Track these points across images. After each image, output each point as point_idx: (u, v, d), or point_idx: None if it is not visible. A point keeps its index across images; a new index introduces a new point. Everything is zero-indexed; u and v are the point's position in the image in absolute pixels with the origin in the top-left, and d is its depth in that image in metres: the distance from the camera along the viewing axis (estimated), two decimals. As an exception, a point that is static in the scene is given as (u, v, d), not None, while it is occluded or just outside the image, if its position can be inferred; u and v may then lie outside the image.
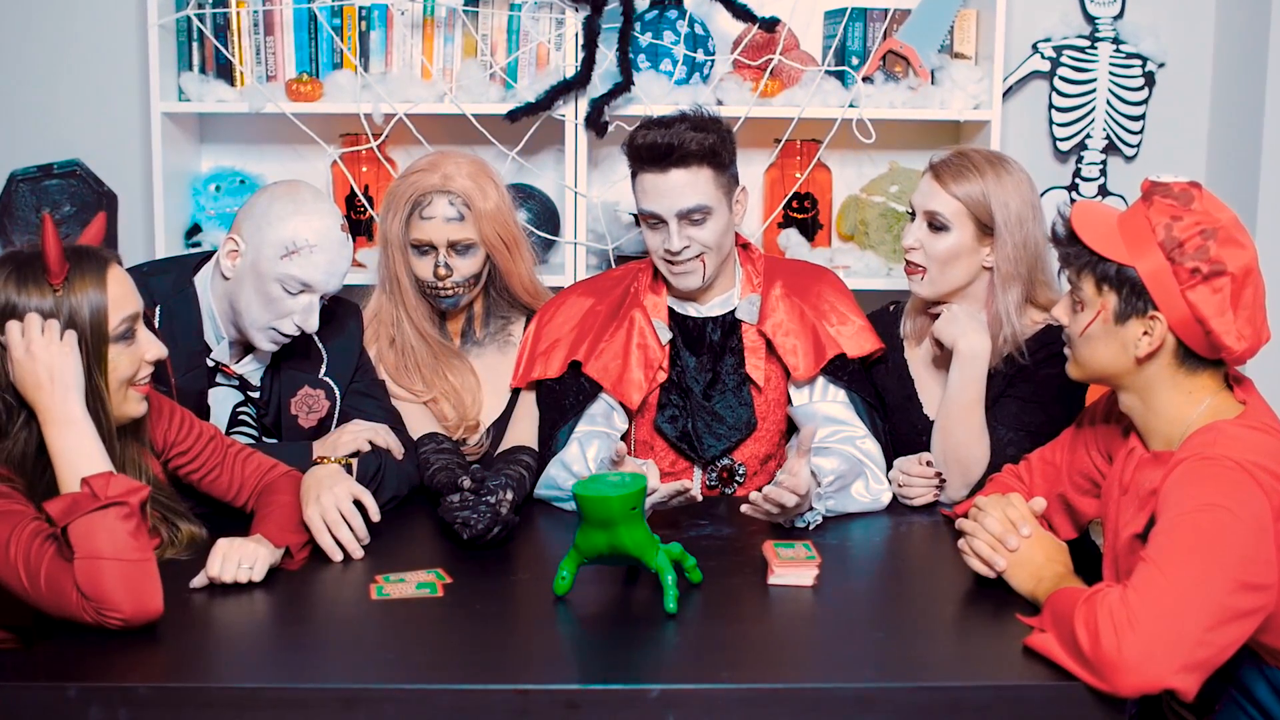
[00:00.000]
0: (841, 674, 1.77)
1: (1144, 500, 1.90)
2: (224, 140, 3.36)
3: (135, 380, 2.00)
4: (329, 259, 2.36)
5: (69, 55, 3.33)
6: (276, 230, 2.34)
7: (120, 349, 1.95)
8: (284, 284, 2.34)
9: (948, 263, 2.45)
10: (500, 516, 2.19)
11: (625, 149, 2.46)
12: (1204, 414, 1.89)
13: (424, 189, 2.54)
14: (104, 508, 1.78)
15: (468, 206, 2.54)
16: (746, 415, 2.54)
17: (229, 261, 2.38)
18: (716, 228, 2.44)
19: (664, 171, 2.40)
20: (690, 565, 2.03)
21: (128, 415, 2.00)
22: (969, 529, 2.03)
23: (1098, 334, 1.93)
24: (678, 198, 2.40)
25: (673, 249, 2.43)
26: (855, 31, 3.17)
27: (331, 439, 2.43)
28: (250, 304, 2.36)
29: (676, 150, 2.37)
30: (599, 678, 1.74)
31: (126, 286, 1.98)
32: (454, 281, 2.57)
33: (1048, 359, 2.41)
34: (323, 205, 2.39)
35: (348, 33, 3.17)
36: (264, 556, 2.02)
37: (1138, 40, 3.31)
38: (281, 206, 2.36)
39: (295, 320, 2.36)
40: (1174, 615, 1.67)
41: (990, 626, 1.92)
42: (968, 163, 2.45)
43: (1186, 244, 1.83)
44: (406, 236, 2.56)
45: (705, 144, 2.38)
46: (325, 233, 2.36)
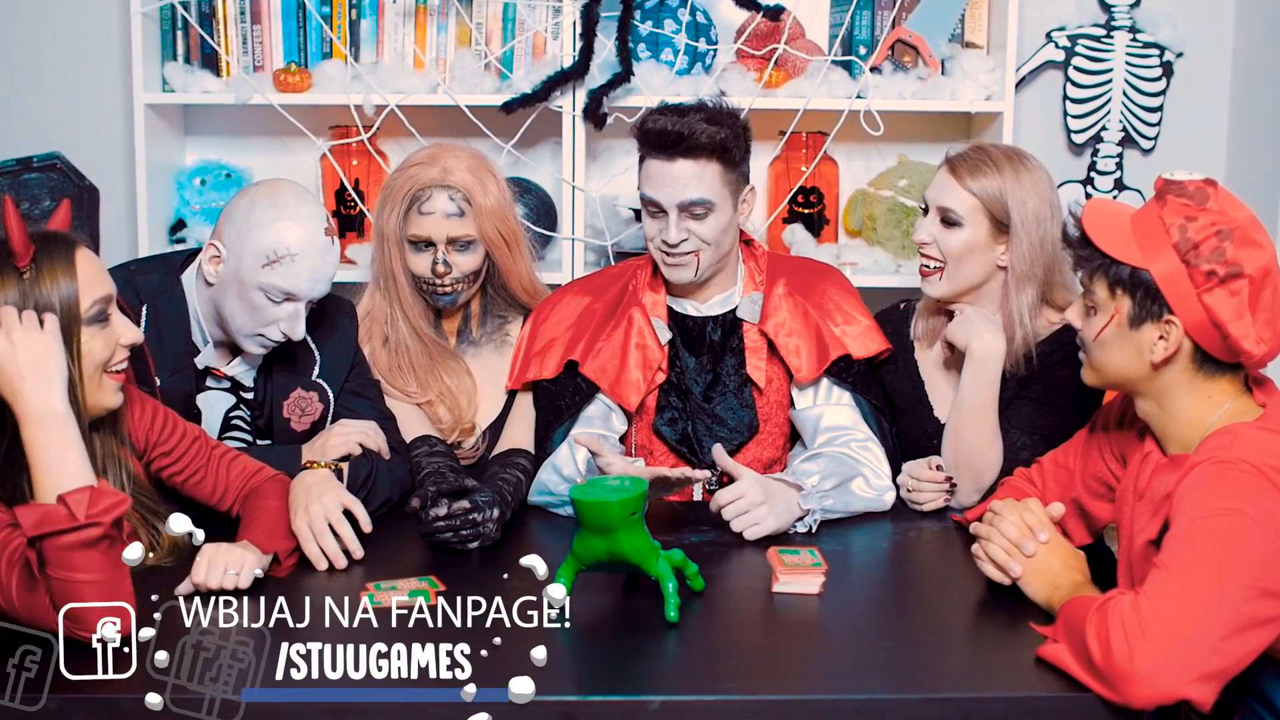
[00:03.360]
0: (849, 685, 1.77)
1: (1159, 505, 1.91)
2: (209, 133, 3.36)
3: (110, 367, 1.99)
4: (312, 267, 2.33)
5: (48, 44, 3.33)
6: (257, 238, 2.31)
7: (94, 332, 1.95)
8: (267, 293, 2.32)
9: (962, 258, 2.45)
10: (482, 535, 2.21)
11: (635, 131, 2.47)
12: (1223, 418, 1.89)
13: (423, 183, 2.54)
14: (80, 528, 1.75)
15: (468, 202, 2.55)
16: (748, 418, 2.54)
17: (211, 267, 2.36)
18: (717, 224, 2.44)
19: (671, 160, 2.41)
20: (692, 572, 2.03)
21: (103, 405, 2.00)
22: (984, 533, 2.04)
23: (1112, 339, 1.93)
24: (681, 189, 2.41)
25: (669, 240, 2.44)
26: (863, 20, 3.18)
27: (319, 442, 2.42)
28: (235, 311, 2.35)
29: (686, 140, 2.38)
30: (597, 689, 1.74)
31: (96, 268, 1.97)
32: (453, 279, 2.58)
33: (1062, 360, 2.42)
34: (304, 209, 2.35)
35: (337, 21, 3.17)
36: (251, 563, 2.02)
37: (1155, 29, 3.31)
38: (262, 212, 2.33)
39: (281, 328, 2.35)
40: (1188, 623, 1.67)
41: (1003, 636, 1.93)
42: (985, 158, 2.45)
43: (1202, 245, 1.83)
44: (404, 232, 2.56)
45: (716, 138, 2.39)
46: (308, 240, 2.32)
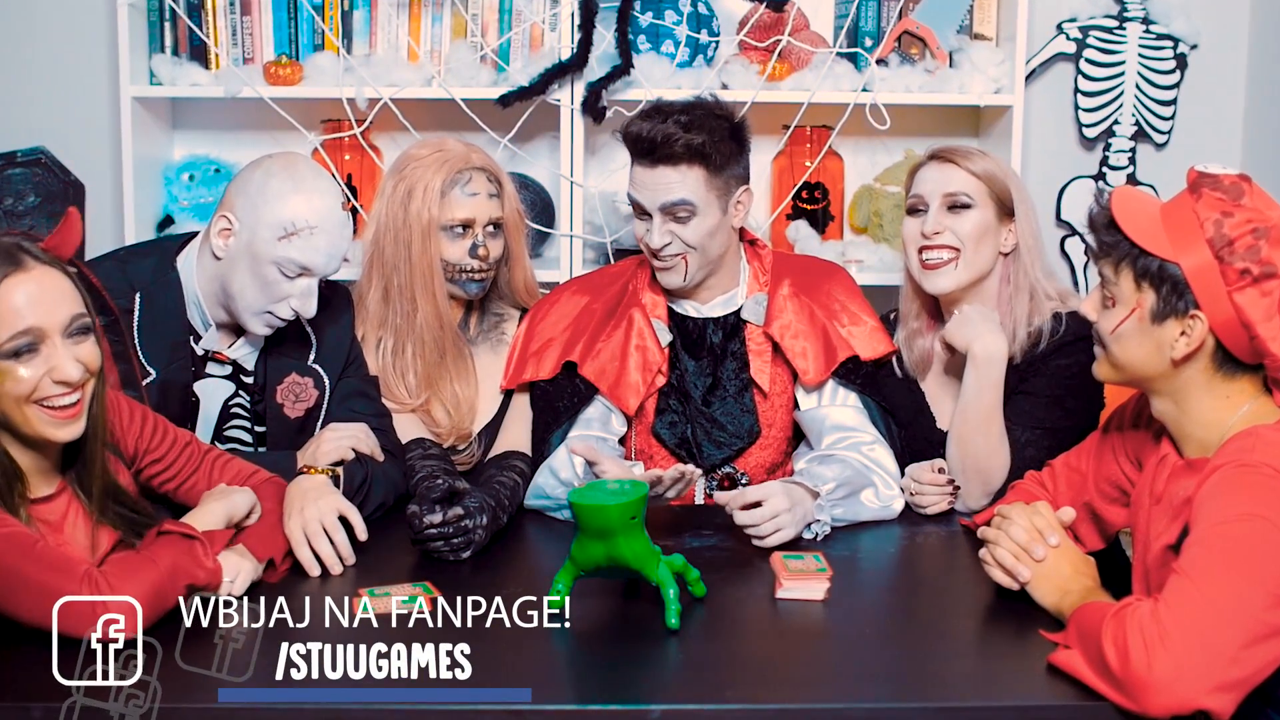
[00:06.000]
0: (854, 693, 1.77)
1: (1178, 510, 1.90)
2: (198, 126, 3.36)
3: (42, 400, 1.89)
4: (330, 241, 2.33)
5: (33, 35, 3.33)
6: (274, 209, 2.31)
7: (8, 366, 1.86)
8: (281, 267, 2.31)
9: (979, 240, 2.48)
10: (474, 542, 2.21)
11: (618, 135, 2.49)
12: (1243, 419, 1.88)
13: (460, 165, 2.54)
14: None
15: (499, 184, 2.58)
16: (749, 423, 2.54)
17: (221, 240, 2.34)
18: (701, 228, 2.44)
19: (652, 166, 2.43)
20: (693, 578, 2.03)
21: (41, 436, 1.92)
22: (992, 538, 2.04)
23: (1131, 333, 1.92)
24: (662, 192, 2.42)
25: (653, 244, 2.45)
26: (869, 11, 3.18)
27: (311, 449, 2.41)
28: (245, 287, 2.34)
29: (659, 148, 2.40)
30: (597, 697, 1.74)
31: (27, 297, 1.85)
32: (490, 262, 2.58)
33: (1058, 349, 2.43)
34: (323, 183, 2.37)
35: (329, 12, 3.17)
36: (246, 570, 2.03)
37: (1169, 20, 3.31)
38: (279, 183, 2.32)
39: (292, 304, 2.34)
40: (1208, 631, 1.67)
41: (1012, 643, 1.92)
42: (966, 148, 2.57)
43: (1237, 243, 1.82)
44: (441, 217, 2.54)
45: (693, 144, 2.39)
46: (326, 213, 2.33)
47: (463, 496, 2.24)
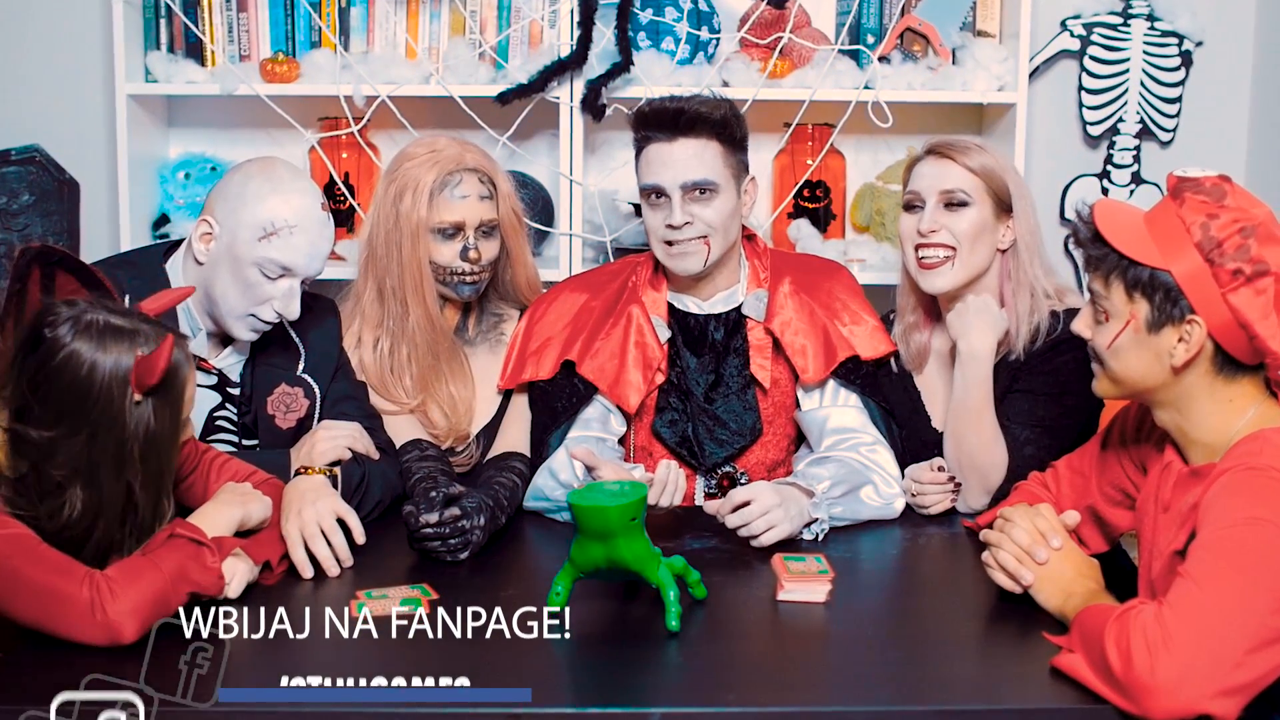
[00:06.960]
0: (856, 696, 1.77)
1: (1185, 516, 1.89)
2: (194, 124, 3.36)
3: None
4: (310, 240, 2.35)
5: (27, 32, 3.33)
6: (253, 211, 2.33)
7: None
8: (262, 268, 2.33)
9: (976, 239, 2.48)
10: (471, 543, 2.21)
11: (632, 121, 2.49)
12: (1249, 424, 1.88)
13: (451, 167, 2.54)
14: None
15: (493, 185, 2.57)
16: (751, 420, 2.54)
17: (202, 245, 2.37)
18: (723, 209, 2.45)
19: (671, 140, 2.43)
20: (694, 580, 2.03)
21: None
22: (994, 540, 2.04)
23: (1128, 345, 1.92)
24: (683, 169, 2.42)
25: (674, 223, 2.44)
26: (871, 8, 3.18)
27: (306, 449, 2.41)
28: (227, 290, 2.35)
29: (686, 115, 2.41)
30: (596, 700, 1.74)
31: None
32: (482, 265, 2.58)
33: (1053, 346, 2.43)
34: (301, 183, 2.39)
35: (326, 9, 3.17)
36: (242, 572, 2.03)
37: (1174, 17, 3.31)
38: (257, 185, 2.35)
39: (275, 306, 2.36)
40: (1212, 635, 1.67)
41: (1014, 646, 1.93)
42: (964, 142, 2.54)
43: (1225, 244, 1.82)
44: (430, 219, 2.54)
45: (716, 114, 2.42)
46: (305, 212, 2.35)
47: (459, 498, 2.24)
